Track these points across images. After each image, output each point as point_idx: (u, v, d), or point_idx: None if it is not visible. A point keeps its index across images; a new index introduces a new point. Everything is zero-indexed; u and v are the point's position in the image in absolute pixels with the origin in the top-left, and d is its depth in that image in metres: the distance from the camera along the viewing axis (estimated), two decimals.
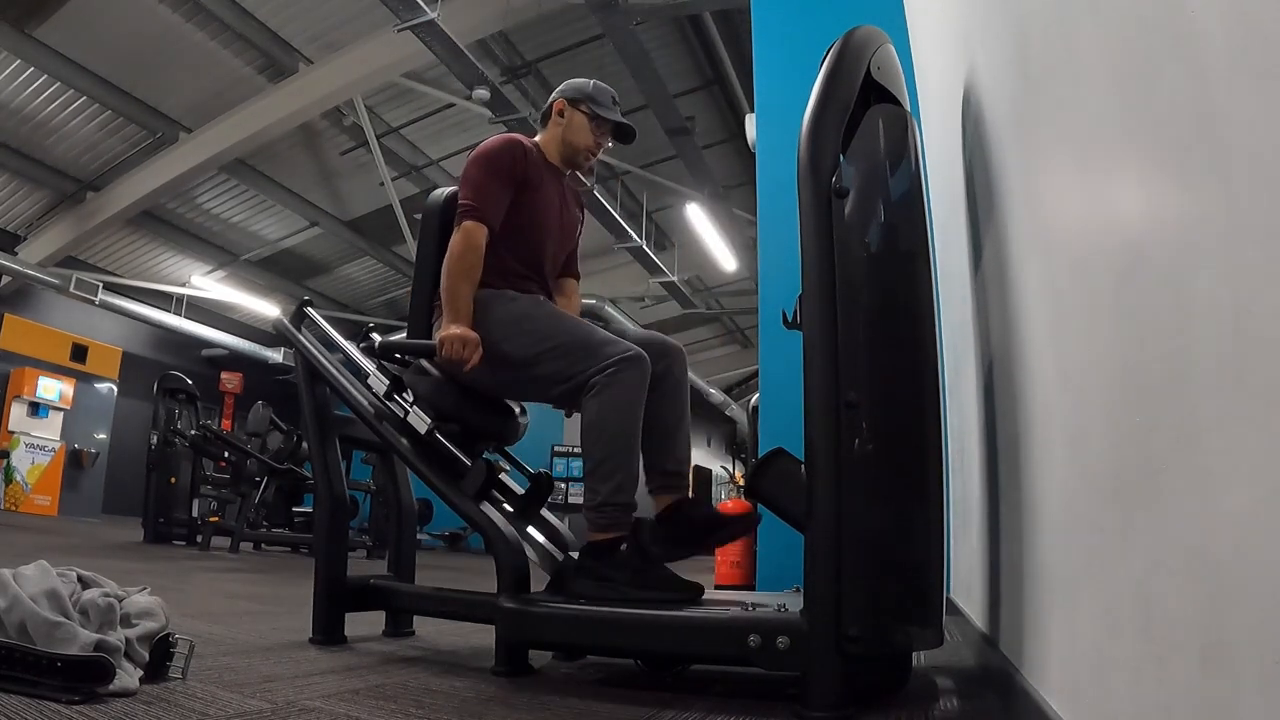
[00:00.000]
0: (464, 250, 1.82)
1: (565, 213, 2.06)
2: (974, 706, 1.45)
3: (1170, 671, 0.60)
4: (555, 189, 2.02)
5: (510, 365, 1.80)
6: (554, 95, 2.07)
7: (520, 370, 1.81)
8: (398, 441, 1.80)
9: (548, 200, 1.98)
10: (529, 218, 1.93)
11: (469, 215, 1.83)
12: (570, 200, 2.10)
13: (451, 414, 1.84)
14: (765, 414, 3.32)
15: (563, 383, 1.76)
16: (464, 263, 1.82)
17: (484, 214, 1.84)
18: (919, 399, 1.33)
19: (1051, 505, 1.01)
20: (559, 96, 2.05)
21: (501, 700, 1.36)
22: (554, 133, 2.04)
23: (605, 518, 1.69)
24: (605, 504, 1.69)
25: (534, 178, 1.93)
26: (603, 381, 1.69)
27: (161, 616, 1.30)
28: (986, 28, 1.46)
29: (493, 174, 1.88)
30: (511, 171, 1.89)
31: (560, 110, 2.03)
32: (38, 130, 8.64)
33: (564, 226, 2.06)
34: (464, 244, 1.82)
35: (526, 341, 1.80)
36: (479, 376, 1.80)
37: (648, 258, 10.87)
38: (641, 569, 1.66)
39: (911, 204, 1.37)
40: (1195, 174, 0.54)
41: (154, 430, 6.82)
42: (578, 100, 2.02)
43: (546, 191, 1.97)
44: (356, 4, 7.30)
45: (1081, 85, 0.82)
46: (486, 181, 1.87)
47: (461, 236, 1.83)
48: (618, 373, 1.69)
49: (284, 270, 12.34)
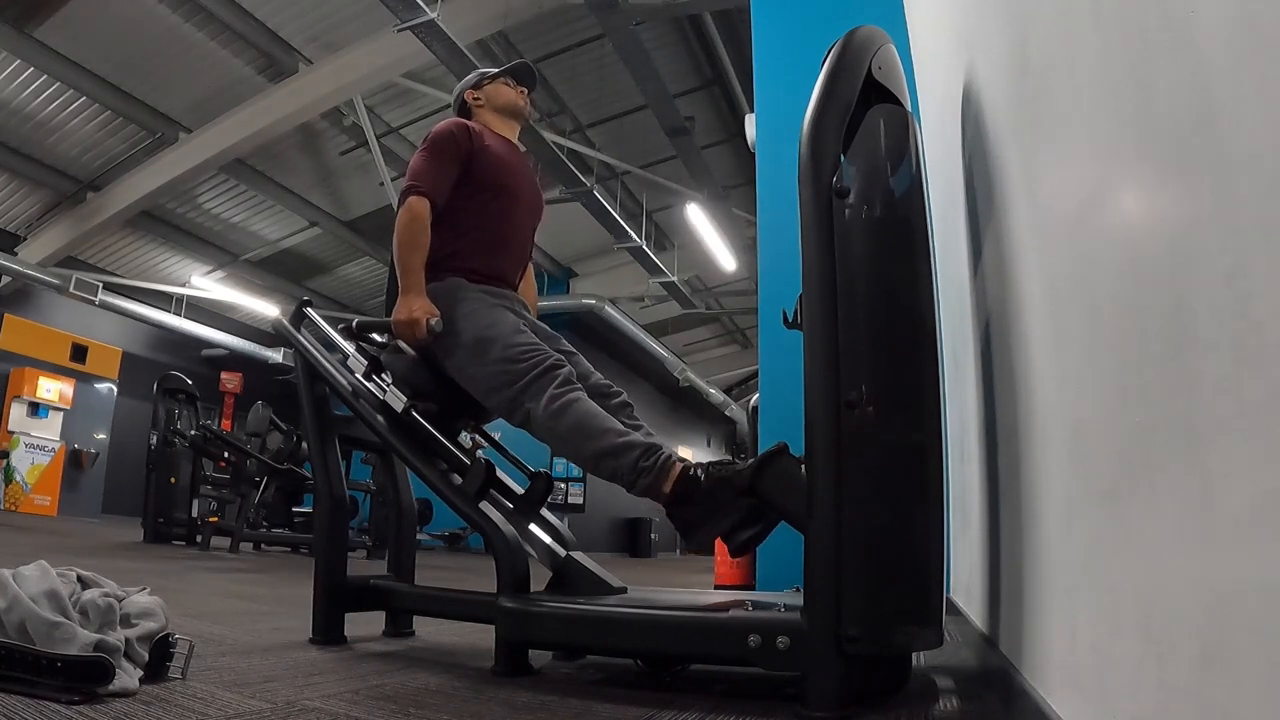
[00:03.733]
0: (408, 221, 1.91)
1: (527, 176, 2.19)
2: (974, 706, 1.45)
3: (1170, 671, 0.60)
4: (513, 156, 2.16)
5: (456, 362, 1.87)
6: (454, 97, 2.31)
7: (465, 368, 1.87)
8: (375, 420, 1.83)
9: (505, 164, 2.09)
10: (490, 180, 2.03)
11: (410, 192, 1.94)
12: (532, 172, 2.24)
13: (428, 392, 1.88)
14: (765, 414, 3.33)
15: (494, 396, 1.82)
16: (409, 232, 1.90)
17: (425, 188, 1.93)
18: (919, 399, 1.32)
19: (1051, 505, 1.01)
20: (459, 93, 2.28)
21: (501, 700, 1.36)
22: (484, 114, 2.22)
23: (648, 475, 1.62)
24: (635, 467, 1.63)
25: (483, 147, 2.05)
26: (530, 405, 1.74)
27: (161, 616, 1.29)
28: (986, 28, 1.46)
29: (435, 154, 1.99)
30: (455, 149, 2.00)
31: (474, 99, 2.24)
32: (38, 130, 8.65)
33: (528, 189, 2.17)
34: (408, 216, 1.91)
35: (476, 353, 1.85)
36: (437, 355, 1.88)
37: (648, 258, 10.88)
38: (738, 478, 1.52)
39: (912, 204, 1.36)
40: (1195, 173, 0.54)
41: (154, 430, 6.83)
42: (476, 84, 2.25)
43: (502, 156, 2.09)
44: (356, 4, 7.31)
45: (1081, 84, 0.82)
46: (429, 161, 1.97)
47: (405, 210, 1.92)
48: (536, 390, 1.75)
49: (284, 270, 12.35)
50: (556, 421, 1.71)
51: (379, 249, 11.79)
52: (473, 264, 1.99)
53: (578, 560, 1.78)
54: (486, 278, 2.00)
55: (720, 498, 1.53)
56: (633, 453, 1.64)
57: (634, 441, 1.66)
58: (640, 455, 1.64)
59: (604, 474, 1.69)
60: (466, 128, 2.05)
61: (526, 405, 1.75)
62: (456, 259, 1.97)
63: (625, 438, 1.67)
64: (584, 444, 1.69)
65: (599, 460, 1.68)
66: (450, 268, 1.96)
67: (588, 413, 1.72)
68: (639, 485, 1.63)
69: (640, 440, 1.67)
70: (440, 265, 1.95)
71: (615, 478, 1.67)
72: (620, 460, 1.65)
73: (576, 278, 13.52)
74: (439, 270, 1.95)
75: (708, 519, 1.54)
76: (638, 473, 1.63)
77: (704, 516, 1.54)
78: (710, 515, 1.54)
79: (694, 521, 1.56)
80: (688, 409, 18.37)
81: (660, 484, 1.61)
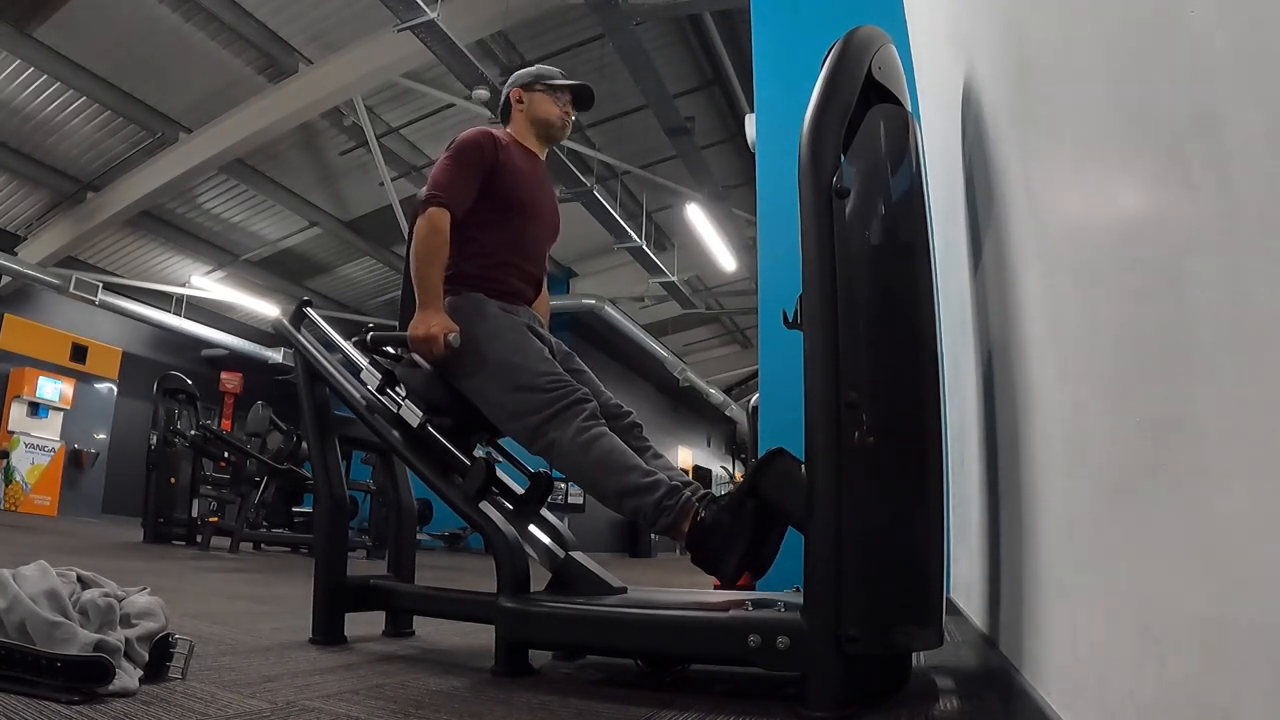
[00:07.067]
0: (428, 233, 1.87)
1: (548, 196, 2.14)
2: (974, 706, 1.45)
3: (1170, 671, 0.60)
4: (535, 173, 2.09)
5: (476, 384, 1.85)
6: (504, 89, 2.17)
7: (485, 392, 1.85)
8: (390, 435, 1.81)
9: (528, 182, 2.04)
10: (512, 197, 1.99)
11: (431, 202, 1.89)
12: (553, 190, 2.18)
13: (443, 407, 1.86)
14: (765, 414, 3.32)
15: (515, 422, 1.81)
16: (428, 245, 1.86)
17: (446, 199, 1.89)
18: (919, 399, 1.32)
19: (1051, 505, 1.01)
20: (510, 88, 2.15)
21: (501, 700, 1.36)
22: (519, 120, 2.14)
23: (669, 514, 1.64)
24: (659, 507, 1.65)
25: (507, 161, 1.99)
26: (555, 435, 1.73)
27: (161, 616, 1.29)
28: (986, 27, 1.46)
29: (459, 164, 1.94)
30: (480, 160, 1.95)
31: (517, 99, 2.13)
32: (38, 130, 8.65)
33: (548, 209, 2.13)
34: (428, 227, 1.87)
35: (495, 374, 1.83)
36: (454, 373, 1.85)
37: (648, 258, 10.87)
38: (732, 499, 1.57)
39: (912, 204, 1.36)
40: (1195, 173, 0.54)
41: (154, 430, 6.83)
42: (529, 83, 2.13)
43: (526, 174, 2.04)
44: (356, 4, 7.30)
45: (1081, 84, 0.82)
46: (452, 170, 1.93)
47: (424, 221, 1.88)
48: (562, 421, 1.74)
49: (284, 270, 12.34)
50: (583, 455, 1.71)
51: (379, 249, 11.79)
52: (491, 279, 1.96)
53: (577, 560, 1.78)
54: (505, 294, 1.97)
55: (723, 524, 1.55)
56: (657, 492, 1.66)
57: (659, 481, 1.68)
58: (664, 495, 1.65)
59: (625, 511, 1.70)
60: (493, 138, 1.99)
61: (551, 435, 1.74)
62: (476, 274, 1.95)
63: (650, 477, 1.68)
64: (608, 480, 1.71)
65: (622, 498, 1.69)
66: (470, 283, 1.93)
67: (613, 448, 1.73)
68: (660, 524, 1.65)
69: (664, 481, 1.68)
70: (459, 280, 1.93)
71: (637, 515, 1.68)
72: (644, 499, 1.66)
73: (576, 278, 13.51)
74: (458, 285, 1.93)
75: (722, 550, 1.55)
76: (660, 512, 1.65)
77: (719, 550, 1.56)
78: (723, 546, 1.55)
79: (713, 557, 1.57)
80: (688, 409, 18.37)
81: (681, 524, 1.63)
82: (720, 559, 1.56)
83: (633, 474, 1.69)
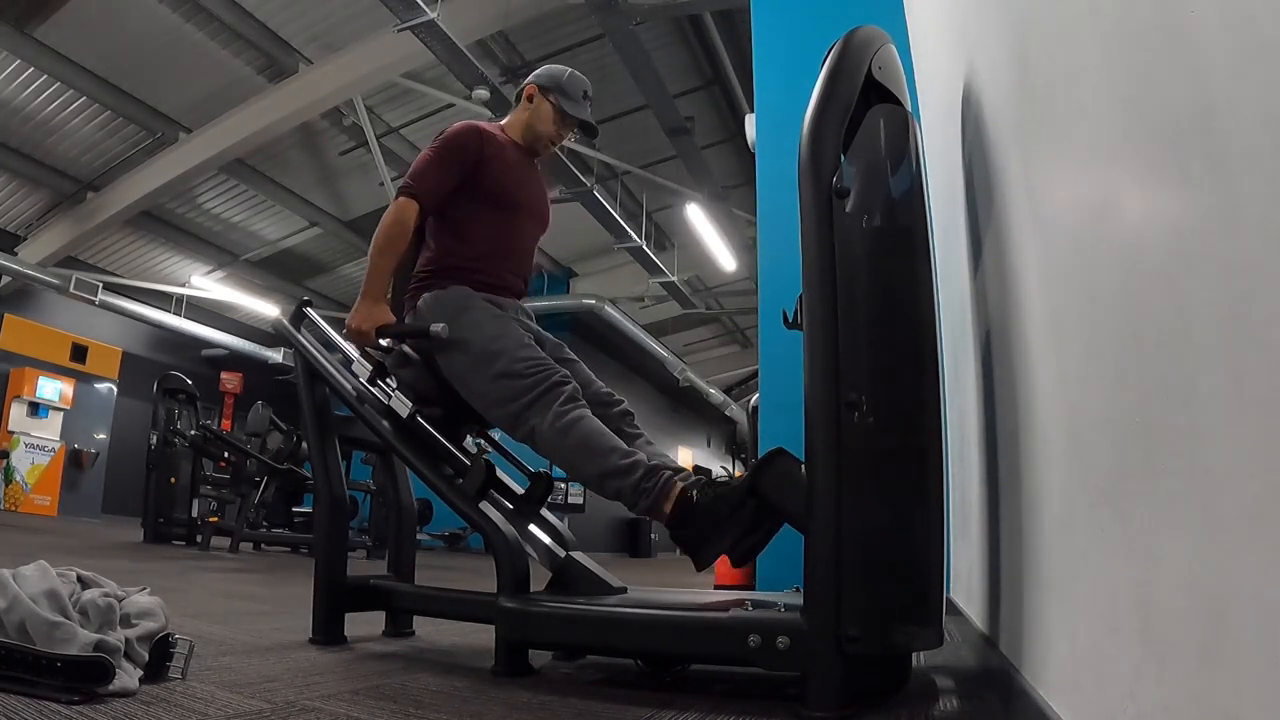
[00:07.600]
0: (391, 223, 1.89)
1: (537, 187, 2.13)
2: (974, 706, 1.45)
3: (1170, 671, 0.60)
4: (525, 166, 2.09)
5: (460, 372, 1.85)
6: (529, 78, 2.14)
7: (468, 379, 1.84)
8: (380, 425, 1.82)
9: (516, 176, 2.04)
10: (499, 189, 1.98)
11: (403, 192, 1.91)
12: (543, 182, 2.17)
13: (433, 398, 1.87)
14: (765, 414, 3.32)
15: (497, 409, 1.80)
16: (388, 234, 1.88)
17: (417, 191, 1.90)
18: (919, 399, 1.32)
19: (1051, 505, 1.01)
20: (533, 81, 2.12)
21: (501, 700, 1.35)
22: (521, 116, 2.12)
23: (649, 496, 1.63)
24: (638, 489, 1.64)
25: (495, 154, 1.99)
26: (535, 421, 1.73)
27: (161, 616, 1.29)
28: (986, 27, 1.46)
29: (439, 158, 1.95)
30: (461, 156, 1.95)
31: (530, 95, 2.11)
32: (38, 130, 8.65)
33: (537, 200, 2.12)
34: (392, 217, 1.89)
35: (482, 363, 1.83)
36: (440, 364, 1.86)
37: (647, 258, 10.88)
38: (733, 493, 1.53)
39: (912, 204, 1.36)
40: (1194, 173, 0.54)
41: (154, 430, 6.83)
42: (549, 89, 2.09)
43: (514, 168, 2.04)
44: (356, 4, 7.30)
45: (1080, 84, 0.82)
46: (431, 163, 1.94)
47: (393, 209, 1.90)
48: (542, 406, 1.74)
49: (284, 270, 12.35)
50: (562, 439, 1.71)
51: None
52: (478, 272, 1.96)
53: (577, 560, 1.78)
54: (491, 287, 1.97)
55: (718, 514, 1.53)
56: (635, 474, 1.65)
57: (637, 462, 1.67)
58: (642, 477, 1.65)
59: (608, 493, 1.70)
60: (479, 132, 1.98)
61: (531, 421, 1.74)
62: (462, 267, 1.95)
63: (629, 458, 1.68)
64: (588, 463, 1.70)
65: (603, 480, 1.69)
66: (455, 276, 1.94)
67: (593, 431, 1.72)
68: (640, 506, 1.65)
69: (643, 461, 1.67)
70: (445, 273, 1.94)
71: (619, 497, 1.68)
72: (624, 481, 1.66)
73: (576, 277, 13.51)
74: (443, 278, 1.93)
75: (709, 537, 1.54)
76: (639, 494, 1.64)
77: (705, 535, 1.55)
78: (711, 533, 1.54)
79: (695, 541, 1.56)
80: (688, 409, 18.37)
81: (661, 505, 1.62)
82: (702, 545, 1.55)
83: (612, 456, 1.68)
